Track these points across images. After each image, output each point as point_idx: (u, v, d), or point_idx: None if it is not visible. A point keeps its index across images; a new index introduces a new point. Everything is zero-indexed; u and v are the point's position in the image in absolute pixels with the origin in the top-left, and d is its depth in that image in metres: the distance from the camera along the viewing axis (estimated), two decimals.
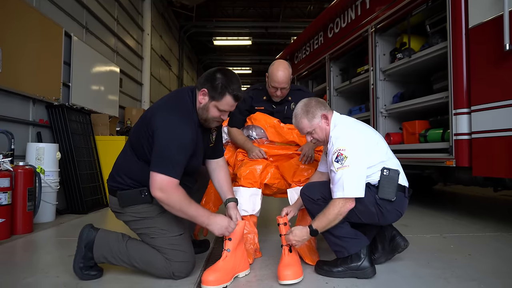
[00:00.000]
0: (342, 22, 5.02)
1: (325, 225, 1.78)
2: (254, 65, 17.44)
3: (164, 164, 1.67)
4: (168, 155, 1.67)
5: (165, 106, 1.81)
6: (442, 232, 2.83)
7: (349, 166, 1.73)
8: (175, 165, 1.68)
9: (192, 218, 1.76)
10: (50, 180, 3.40)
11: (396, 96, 4.11)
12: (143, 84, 8.13)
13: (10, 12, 3.44)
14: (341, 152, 1.76)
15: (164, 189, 1.66)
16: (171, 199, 1.68)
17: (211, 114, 1.81)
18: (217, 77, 1.77)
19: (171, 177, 1.66)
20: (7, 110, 3.47)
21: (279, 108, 2.54)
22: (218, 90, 1.76)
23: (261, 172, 2.27)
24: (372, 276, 1.81)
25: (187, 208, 1.71)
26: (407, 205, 1.91)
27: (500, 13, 2.60)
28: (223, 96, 1.77)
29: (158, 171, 1.66)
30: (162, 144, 1.68)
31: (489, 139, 2.75)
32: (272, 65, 2.42)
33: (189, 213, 1.72)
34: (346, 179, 1.72)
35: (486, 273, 1.87)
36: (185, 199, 1.71)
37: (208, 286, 1.68)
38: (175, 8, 10.53)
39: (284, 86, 2.38)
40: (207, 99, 1.79)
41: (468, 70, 2.94)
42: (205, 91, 1.78)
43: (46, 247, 2.63)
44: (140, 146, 1.79)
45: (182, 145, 1.70)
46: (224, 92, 1.76)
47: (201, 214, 1.76)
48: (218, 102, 1.78)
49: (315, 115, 1.91)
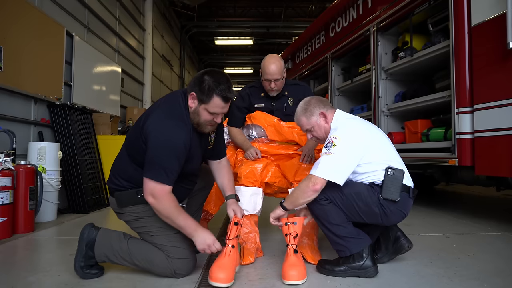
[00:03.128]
0: (343, 21, 5.01)
1: (291, 200, 1.84)
2: (255, 65, 17.43)
3: (156, 170, 1.67)
4: (160, 161, 1.67)
5: (158, 111, 1.79)
6: (445, 232, 2.82)
7: (334, 154, 1.75)
8: (167, 172, 1.68)
9: (179, 227, 1.75)
10: (51, 179, 3.40)
11: (398, 95, 4.10)
12: (145, 84, 8.14)
13: (12, 11, 3.45)
14: (332, 139, 1.79)
15: (155, 196, 1.68)
16: (161, 206, 1.69)
17: (203, 118, 1.77)
18: (205, 79, 1.74)
19: (163, 183, 1.67)
20: (9, 109, 3.48)
21: (278, 105, 2.53)
22: (206, 92, 1.72)
23: (261, 171, 2.27)
24: (374, 276, 1.80)
25: (176, 217, 1.71)
26: (411, 206, 1.89)
27: (503, 11, 2.59)
28: (211, 98, 1.73)
29: (150, 177, 1.67)
30: (154, 150, 1.68)
31: (492, 138, 2.74)
32: (264, 59, 2.45)
33: (177, 222, 1.72)
34: (324, 161, 1.75)
35: (489, 273, 1.86)
36: (175, 208, 1.71)
37: (219, 283, 1.66)
38: (176, 7, 10.55)
39: (277, 77, 2.38)
40: (197, 103, 1.77)
41: (470, 68, 2.92)
42: (194, 94, 1.76)
43: (48, 246, 2.63)
44: (135, 150, 1.80)
45: (175, 151, 1.69)
46: (212, 94, 1.72)
47: (189, 225, 1.74)
48: (207, 104, 1.74)
49: (313, 113, 1.95)
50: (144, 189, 1.70)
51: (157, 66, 9.36)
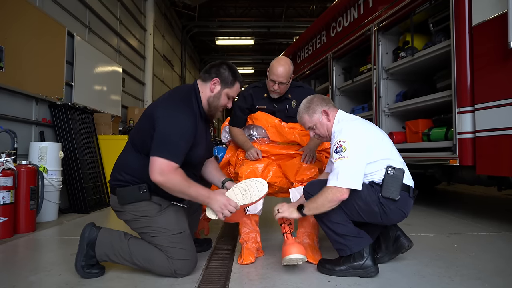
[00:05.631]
0: (344, 21, 5.01)
1: (313, 208, 1.80)
2: (256, 64, 17.44)
3: (163, 148, 1.71)
4: (168, 140, 1.72)
5: (166, 99, 1.89)
6: (446, 231, 2.81)
7: (348, 158, 1.74)
8: (175, 150, 1.72)
9: (192, 198, 1.79)
10: (52, 179, 3.41)
11: (399, 95, 4.09)
12: (146, 84, 8.15)
13: (13, 11, 3.46)
14: (341, 143, 1.78)
15: (164, 173, 1.69)
16: (170, 182, 1.70)
17: (222, 101, 1.96)
18: (225, 67, 1.95)
19: (170, 160, 1.70)
20: (10, 109, 3.48)
21: (280, 107, 2.52)
22: (230, 78, 1.94)
23: (262, 170, 2.27)
24: (375, 275, 1.80)
25: (187, 189, 1.74)
26: (411, 205, 1.89)
27: (504, 10, 2.58)
28: (234, 83, 1.95)
29: (157, 155, 1.70)
30: (162, 131, 1.73)
31: (493, 137, 2.73)
32: (275, 60, 2.44)
33: (190, 193, 1.76)
34: (342, 169, 1.73)
35: (490, 272, 1.86)
36: (185, 181, 1.73)
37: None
38: (177, 8, 10.55)
39: (282, 81, 2.37)
40: (219, 88, 1.93)
41: (471, 68, 2.92)
42: (217, 80, 1.93)
43: (49, 246, 2.64)
44: (142, 140, 1.82)
45: (182, 132, 1.75)
46: (235, 80, 1.96)
47: (201, 193, 1.79)
48: (231, 89, 1.95)
49: (315, 110, 1.97)
50: (151, 168, 1.70)
51: (158, 66, 9.37)
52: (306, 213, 1.82)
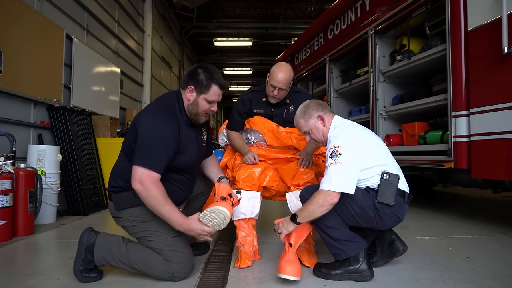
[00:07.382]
0: (342, 24, 5.03)
1: (306, 216, 1.80)
2: (254, 65, 17.45)
3: (144, 158, 1.73)
4: (148, 149, 1.74)
5: (149, 108, 1.93)
6: (441, 234, 2.84)
7: (342, 163, 1.75)
8: (155, 159, 1.74)
9: (164, 218, 1.76)
10: (51, 182, 3.42)
11: (396, 98, 4.12)
12: (144, 85, 8.16)
13: (12, 14, 3.47)
14: (336, 149, 1.80)
15: (143, 182, 1.71)
16: (148, 193, 1.72)
17: (201, 107, 1.91)
18: (199, 72, 1.89)
19: (150, 170, 1.72)
20: (8, 112, 3.49)
21: (278, 111, 2.54)
22: (204, 83, 1.87)
23: (259, 174, 2.29)
24: (370, 279, 1.82)
25: (161, 206, 1.72)
26: (406, 210, 1.91)
27: (498, 16, 2.61)
28: (209, 88, 1.88)
29: (138, 164, 1.73)
30: (143, 139, 1.76)
31: (488, 141, 2.76)
32: (275, 65, 2.46)
33: (162, 212, 1.73)
34: (336, 173, 1.75)
35: (484, 276, 1.88)
36: (161, 197, 1.73)
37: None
38: (175, 9, 10.56)
39: (282, 87, 2.39)
40: (195, 95, 1.89)
41: (467, 72, 2.95)
42: (192, 87, 1.89)
43: (47, 249, 2.65)
44: (130, 148, 1.85)
45: (162, 140, 1.76)
46: (210, 84, 1.88)
47: (174, 217, 1.75)
48: (207, 94, 1.89)
49: (311, 115, 1.99)
50: (132, 176, 1.74)
51: (156, 68, 9.37)
52: (300, 221, 1.81)
